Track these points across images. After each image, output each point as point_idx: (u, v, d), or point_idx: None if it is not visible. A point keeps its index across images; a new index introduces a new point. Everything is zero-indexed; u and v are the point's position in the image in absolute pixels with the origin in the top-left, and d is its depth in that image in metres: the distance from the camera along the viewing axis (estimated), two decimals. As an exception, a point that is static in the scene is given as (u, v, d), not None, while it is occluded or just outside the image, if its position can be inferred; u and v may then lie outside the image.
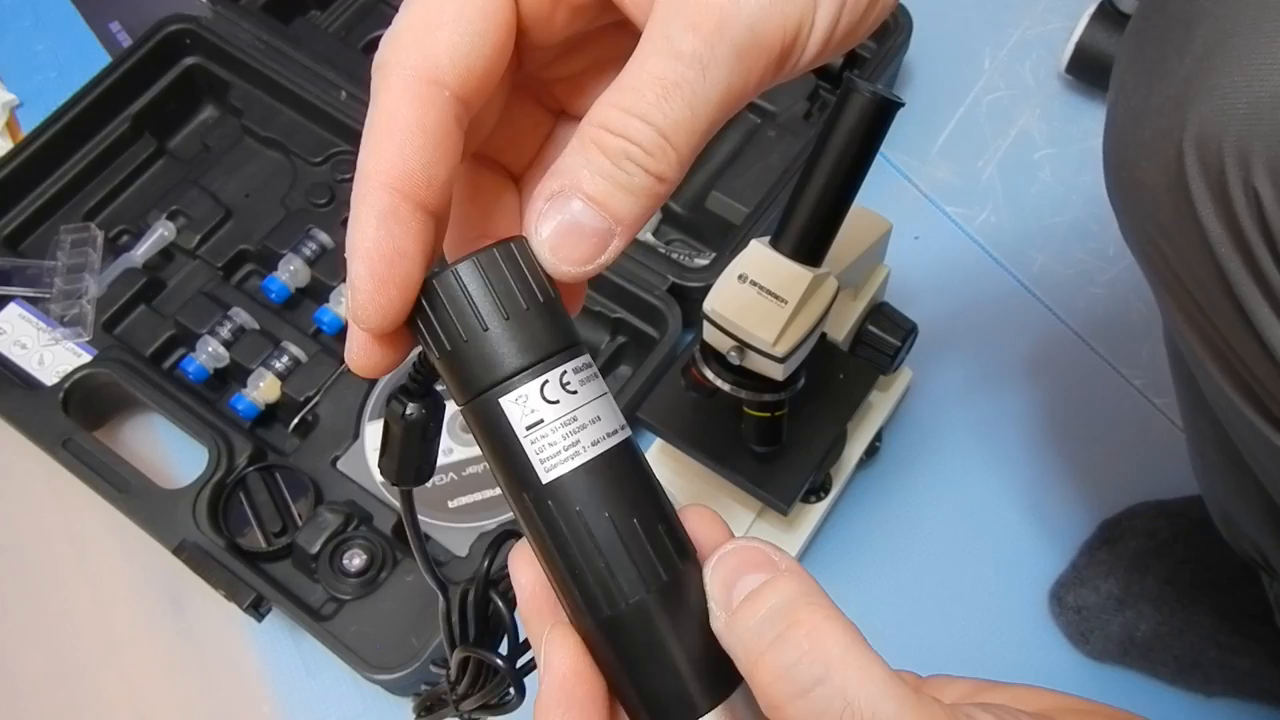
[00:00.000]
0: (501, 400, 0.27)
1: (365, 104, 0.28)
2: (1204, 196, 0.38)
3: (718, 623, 0.27)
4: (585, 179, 0.27)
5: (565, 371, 0.27)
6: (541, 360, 0.27)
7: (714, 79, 0.27)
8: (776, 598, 0.26)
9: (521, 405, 0.27)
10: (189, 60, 0.91)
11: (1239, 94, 0.37)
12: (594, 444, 0.27)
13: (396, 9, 1.10)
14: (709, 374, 0.58)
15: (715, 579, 0.28)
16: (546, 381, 0.27)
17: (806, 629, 0.26)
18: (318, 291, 0.84)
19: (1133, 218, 0.44)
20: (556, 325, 0.27)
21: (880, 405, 0.78)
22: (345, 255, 0.28)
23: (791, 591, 0.27)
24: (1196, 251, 0.40)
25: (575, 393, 0.27)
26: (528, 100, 0.34)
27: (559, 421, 0.27)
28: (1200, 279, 0.41)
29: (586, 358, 0.28)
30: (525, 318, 0.27)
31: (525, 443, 0.27)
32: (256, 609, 0.70)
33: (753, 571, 0.27)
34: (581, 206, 0.27)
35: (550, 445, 0.27)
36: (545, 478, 0.27)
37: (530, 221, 0.28)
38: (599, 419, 0.27)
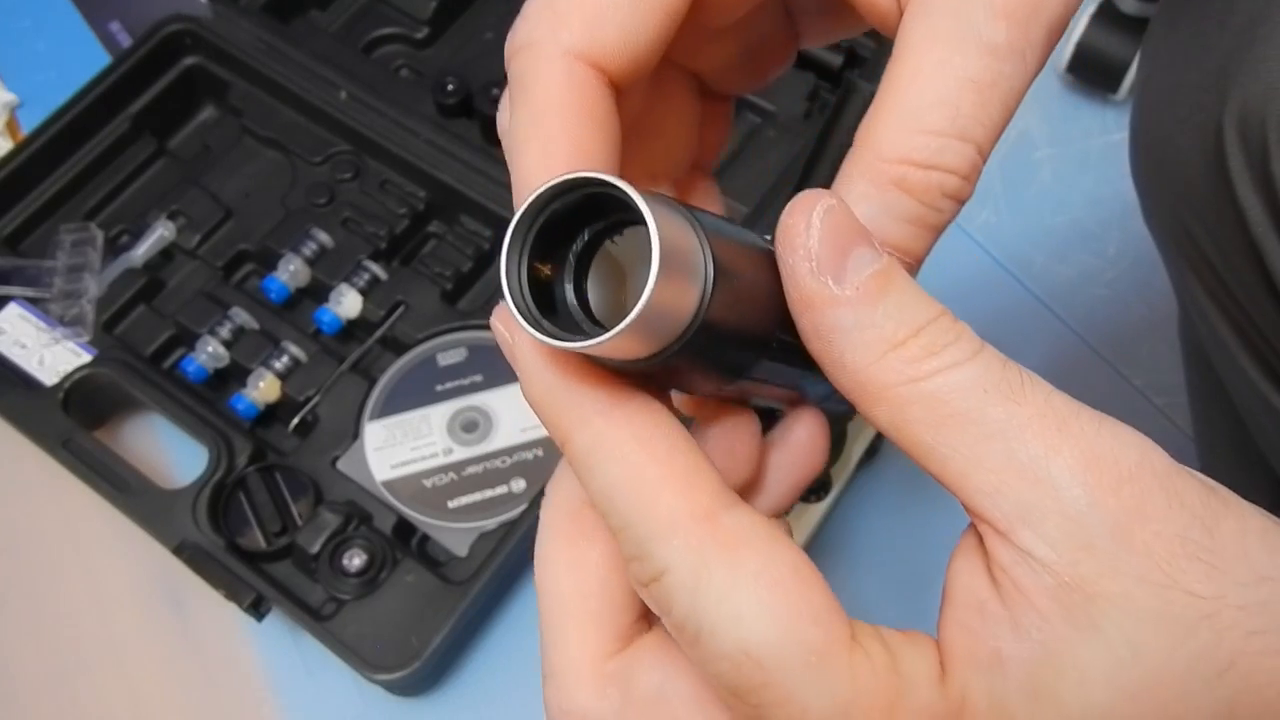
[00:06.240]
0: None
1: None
2: (1243, 173, 0.37)
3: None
4: (890, 229, 0.24)
5: None
6: None
7: (1032, 67, 0.24)
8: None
9: None
10: (189, 60, 0.91)
11: None
12: None
13: (396, 8, 1.10)
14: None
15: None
16: None
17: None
18: (318, 291, 0.83)
19: (1162, 197, 0.43)
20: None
21: (880, 405, 0.78)
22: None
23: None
24: (1231, 230, 0.39)
25: None
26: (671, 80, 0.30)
27: None
28: (1232, 259, 0.40)
29: None
30: None
31: None
32: (256, 609, 0.70)
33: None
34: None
35: None
36: None
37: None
38: None
